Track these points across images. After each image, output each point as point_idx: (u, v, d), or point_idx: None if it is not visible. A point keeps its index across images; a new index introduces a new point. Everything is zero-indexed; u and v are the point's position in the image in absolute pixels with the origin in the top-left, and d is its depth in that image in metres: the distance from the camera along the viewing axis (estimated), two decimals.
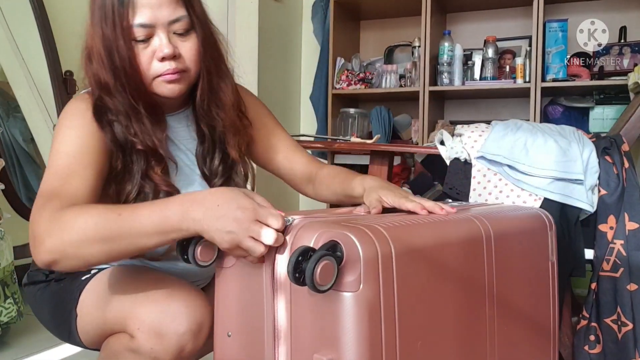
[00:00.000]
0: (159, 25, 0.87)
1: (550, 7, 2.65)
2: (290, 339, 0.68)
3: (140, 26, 0.86)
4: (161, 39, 0.87)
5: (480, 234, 0.85)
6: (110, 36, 0.86)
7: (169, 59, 0.88)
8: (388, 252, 0.66)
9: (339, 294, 0.63)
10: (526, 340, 0.98)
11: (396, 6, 2.94)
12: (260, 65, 2.69)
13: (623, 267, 1.30)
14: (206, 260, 0.76)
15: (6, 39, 2.35)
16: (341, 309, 0.63)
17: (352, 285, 0.62)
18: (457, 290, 0.79)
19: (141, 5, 0.85)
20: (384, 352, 0.64)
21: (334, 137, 2.54)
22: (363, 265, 0.63)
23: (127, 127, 0.89)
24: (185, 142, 1.01)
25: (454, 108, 3.04)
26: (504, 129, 1.43)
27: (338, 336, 0.63)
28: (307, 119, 3.22)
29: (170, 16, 0.87)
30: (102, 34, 0.87)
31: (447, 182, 1.44)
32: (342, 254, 0.63)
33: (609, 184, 1.33)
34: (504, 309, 0.89)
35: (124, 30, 0.85)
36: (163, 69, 0.88)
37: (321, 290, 0.61)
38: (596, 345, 1.33)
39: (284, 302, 0.69)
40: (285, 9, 3.05)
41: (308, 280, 0.60)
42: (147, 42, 0.87)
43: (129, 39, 0.86)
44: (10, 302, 1.77)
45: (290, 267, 0.62)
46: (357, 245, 0.63)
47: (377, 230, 0.67)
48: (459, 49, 2.70)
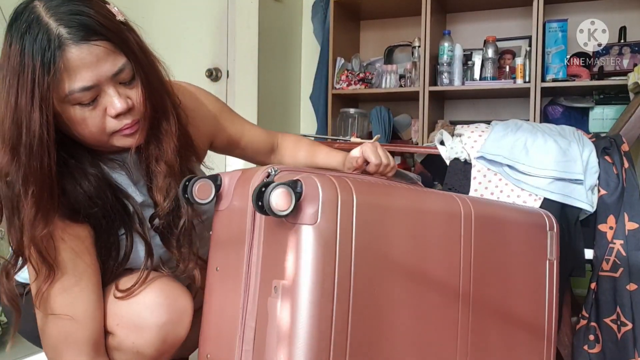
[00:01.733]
0: (102, 82, 0.79)
1: (550, 7, 2.65)
2: (260, 269, 0.75)
3: (83, 90, 0.77)
4: (110, 95, 0.80)
5: (459, 211, 0.89)
6: (24, 107, 0.75)
7: (124, 114, 0.82)
8: (349, 199, 0.73)
9: (298, 225, 0.70)
10: (512, 334, 0.98)
11: (396, 6, 2.94)
12: (260, 65, 2.69)
13: (623, 267, 1.30)
14: (203, 198, 0.83)
15: None
16: (299, 240, 0.69)
17: (310, 218, 0.69)
18: (425, 257, 0.83)
19: (77, 68, 0.76)
20: (336, 284, 0.70)
21: (334, 137, 2.54)
22: (322, 203, 0.69)
23: (86, 206, 0.84)
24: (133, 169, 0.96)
25: (453, 108, 3.04)
26: (504, 129, 1.43)
27: (295, 264, 0.69)
28: (307, 119, 3.22)
29: (112, 69, 0.79)
30: (15, 105, 0.75)
31: (447, 182, 1.44)
32: (302, 189, 0.70)
33: (609, 184, 1.34)
34: (481, 291, 0.91)
35: (46, 102, 0.75)
36: (120, 124, 0.82)
37: (278, 215, 0.68)
38: (595, 345, 1.33)
39: (258, 237, 0.76)
40: (285, 9, 3.04)
41: (266, 205, 0.68)
42: (94, 102, 0.79)
43: (52, 111, 0.77)
44: None
45: (254, 196, 0.69)
46: (317, 185, 0.70)
47: (342, 180, 0.74)
48: (458, 49, 2.70)
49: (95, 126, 0.81)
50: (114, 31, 0.79)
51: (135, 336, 0.85)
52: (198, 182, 0.82)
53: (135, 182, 0.93)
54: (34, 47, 0.74)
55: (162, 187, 0.90)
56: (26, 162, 0.77)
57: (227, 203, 0.84)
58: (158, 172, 0.90)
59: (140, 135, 0.86)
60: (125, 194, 0.91)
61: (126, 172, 0.92)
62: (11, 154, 0.78)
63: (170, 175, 0.90)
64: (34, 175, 0.77)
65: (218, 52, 2.71)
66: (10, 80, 0.76)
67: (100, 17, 0.78)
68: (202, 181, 0.83)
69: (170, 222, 0.92)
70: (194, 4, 2.70)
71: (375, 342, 0.75)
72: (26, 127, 0.76)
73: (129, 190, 0.92)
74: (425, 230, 0.83)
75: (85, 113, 0.80)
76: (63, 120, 0.81)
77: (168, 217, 0.91)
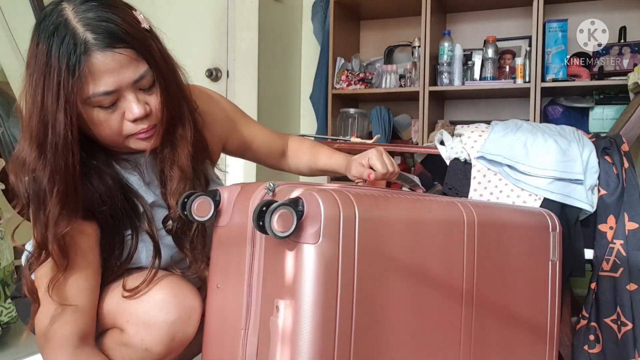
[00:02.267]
0: (123, 87, 0.82)
1: (550, 7, 2.65)
2: (261, 286, 0.75)
3: (104, 94, 0.81)
4: (130, 101, 0.83)
5: (461, 218, 0.88)
6: (49, 107, 0.79)
7: (141, 119, 0.85)
8: (351, 215, 0.71)
9: (300, 244, 0.69)
10: (514, 335, 0.98)
11: (396, 6, 2.94)
12: (260, 65, 2.69)
13: (623, 267, 1.30)
14: (202, 215, 0.82)
15: (6, 39, 2.35)
16: (301, 259, 0.69)
17: (312, 237, 0.68)
18: (427, 267, 0.82)
19: (100, 73, 0.79)
20: (339, 304, 0.69)
21: (334, 137, 2.54)
22: (324, 221, 0.68)
23: (99, 203, 0.86)
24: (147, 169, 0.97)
25: (454, 108, 3.04)
26: (504, 129, 1.43)
27: (296, 283, 0.69)
28: (307, 119, 3.22)
29: (133, 76, 0.82)
30: (41, 104, 0.79)
31: (447, 182, 1.44)
32: (304, 208, 0.69)
33: (609, 184, 1.34)
34: (485, 298, 0.91)
35: (70, 103, 0.78)
36: (137, 129, 0.85)
37: (279, 236, 0.67)
38: (596, 345, 1.33)
39: (259, 254, 0.76)
40: (285, 9, 3.04)
41: (267, 226, 0.67)
42: (113, 106, 0.83)
43: (75, 112, 0.80)
44: (10, 302, 1.77)
45: (255, 215, 0.68)
46: (319, 202, 0.69)
47: (344, 195, 0.73)
48: (458, 49, 2.70)
49: (113, 128, 0.84)
50: (138, 39, 0.82)
51: (145, 333, 0.85)
52: (197, 199, 0.82)
53: (147, 183, 0.95)
54: (61, 50, 0.77)
55: (176, 191, 0.92)
56: (52, 160, 0.80)
57: (226, 219, 0.83)
58: (172, 177, 0.93)
59: (155, 139, 0.89)
60: (136, 193, 0.93)
61: (138, 172, 0.94)
62: (38, 151, 0.81)
63: (184, 179, 0.93)
64: (59, 174, 0.80)
65: (218, 52, 2.71)
66: (37, 80, 0.79)
67: (126, 25, 0.81)
68: (201, 198, 0.82)
69: (184, 224, 0.94)
70: (194, 4, 2.70)
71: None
72: (52, 126, 0.79)
73: (140, 190, 0.94)
74: (428, 240, 0.82)
75: (105, 115, 0.83)
76: (83, 120, 0.83)
77: (182, 220, 0.92)
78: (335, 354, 0.68)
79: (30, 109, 0.80)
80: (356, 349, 0.70)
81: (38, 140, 0.80)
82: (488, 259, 0.91)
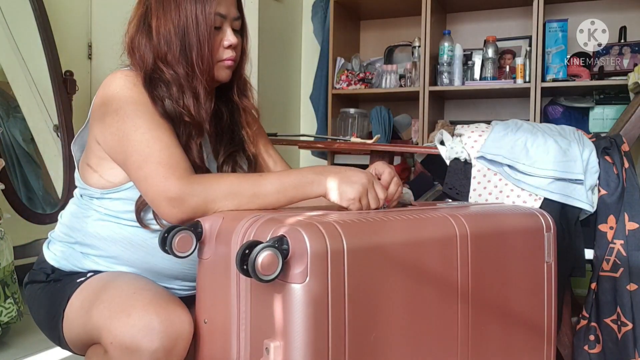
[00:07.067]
0: (229, 18, 1.01)
1: (550, 7, 2.65)
2: (249, 326, 0.73)
3: (219, 15, 0.99)
4: (227, 32, 1.01)
5: (454, 233, 0.86)
6: (191, 15, 0.97)
7: (232, 48, 1.01)
8: (339, 248, 0.69)
9: (287, 285, 0.67)
10: (513, 340, 0.98)
11: (396, 6, 2.94)
12: (260, 65, 2.69)
13: (623, 267, 1.30)
14: (183, 251, 0.81)
15: (6, 39, 2.35)
16: (288, 299, 0.67)
17: (299, 277, 0.66)
18: (422, 288, 0.81)
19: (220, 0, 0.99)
20: (330, 342, 0.68)
21: (334, 137, 2.54)
22: (310, 259, 0.66)
23: (177, 99, 0.97)
24: None
25: (454, 108, 3.04)
26: (504, 129, 1.43)
27: (286, 324, 0.67)
28: (307, 119, 3.22)
29: (235, 13, 1.02)
30: (185, 12, 0.97)
31: (447, 182, 1.44)
32: (289, 247, 0.67)
33: (609, 184, 1.34)
34: (481, 309, 0.89)
35: (207, 14, 0.97)
36: (227, 55, 1.01)
37: (264, 280, 0.66)
38: (596, 345, 1.33)
39: (245, 294, 0.74)
40: (285, 9, 3.05)
41: (251, 270, 0.64)
42: (218, 29, 1.00)
43: (210, 23, 0.97)
44: (10, 302, 1.77)
45: (238, 259, 0.66)
46: (305, 239, 0.66)
47: (331, 227, 0.70)
48: (459, 49, 2.70)
49: (213, 48, 1.00)
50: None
51: (128, 359, 0.84)
52: (178, 234, 0.80)
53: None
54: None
55: (247, 122, 1.18)
56: (197, 59, 0.98)
57: (210, 252, 0.81)
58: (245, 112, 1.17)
59: (231, 72, 1.05)
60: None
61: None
62: (181, 51, 0.97)
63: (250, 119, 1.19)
64: (206, 69, 0.99)
65: None
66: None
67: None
68: (182, 233, 0.80)
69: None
70: None
71: None
72: (196, 32, 0.97)
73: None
74: (421, 260, 0.81)
75: (213, 34, 0.99)
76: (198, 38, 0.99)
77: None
78: None
79: (171, 19, 0.97)
80: None
81: (180, 47, 0.97)
82: (483, 271, 0.90)
